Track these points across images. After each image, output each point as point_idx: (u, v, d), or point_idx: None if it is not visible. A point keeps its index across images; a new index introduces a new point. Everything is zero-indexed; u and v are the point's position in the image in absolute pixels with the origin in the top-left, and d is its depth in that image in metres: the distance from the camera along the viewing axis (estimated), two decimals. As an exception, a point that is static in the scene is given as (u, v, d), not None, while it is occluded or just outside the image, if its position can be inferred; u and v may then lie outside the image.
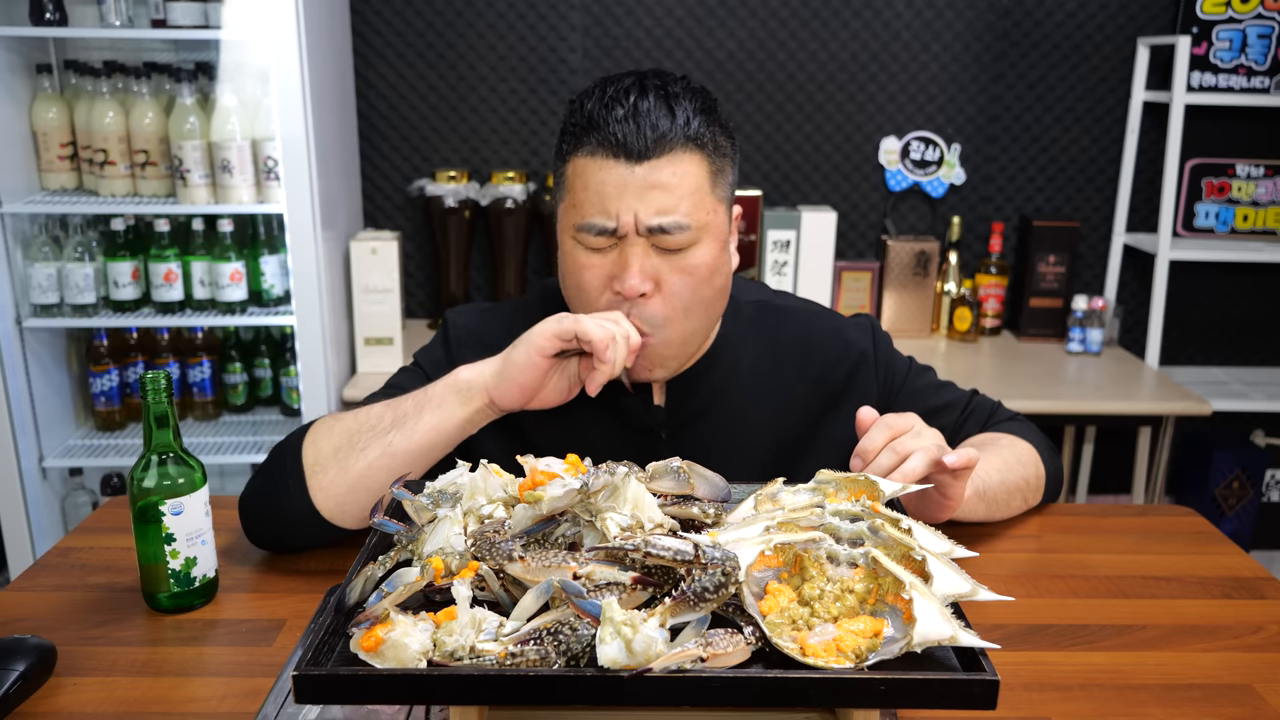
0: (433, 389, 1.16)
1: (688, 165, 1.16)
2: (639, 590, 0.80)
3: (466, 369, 1.16)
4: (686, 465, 0.96)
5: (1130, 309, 3.18)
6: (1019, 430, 1.38)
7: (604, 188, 1.15)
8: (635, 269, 1.16)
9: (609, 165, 1.15)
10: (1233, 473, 3.13)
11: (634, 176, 1.14)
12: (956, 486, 1.13)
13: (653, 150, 1.14)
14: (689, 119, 1.15)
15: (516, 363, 1.13)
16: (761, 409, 1.34)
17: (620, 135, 1.13)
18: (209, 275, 2.62)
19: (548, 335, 1.11)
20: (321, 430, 1.19)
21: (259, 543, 1.25)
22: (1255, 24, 2.89)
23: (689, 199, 1.16)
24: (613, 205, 1.15)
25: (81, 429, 2.80)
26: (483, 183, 2.96)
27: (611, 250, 1.18)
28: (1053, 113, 3.03)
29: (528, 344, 1.12)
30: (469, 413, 1.15)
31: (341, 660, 0.78)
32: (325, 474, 1.15)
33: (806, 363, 1.36)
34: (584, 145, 1.16)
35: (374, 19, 2.89)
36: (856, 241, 3.13)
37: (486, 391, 1.14)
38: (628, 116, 1.13)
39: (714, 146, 1.19)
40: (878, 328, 1.41)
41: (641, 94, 1.15)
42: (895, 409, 1.36)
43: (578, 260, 1.20)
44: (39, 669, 0.98)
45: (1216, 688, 1.01)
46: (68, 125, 2.56)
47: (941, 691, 0.74)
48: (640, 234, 1.16)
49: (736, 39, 2.95)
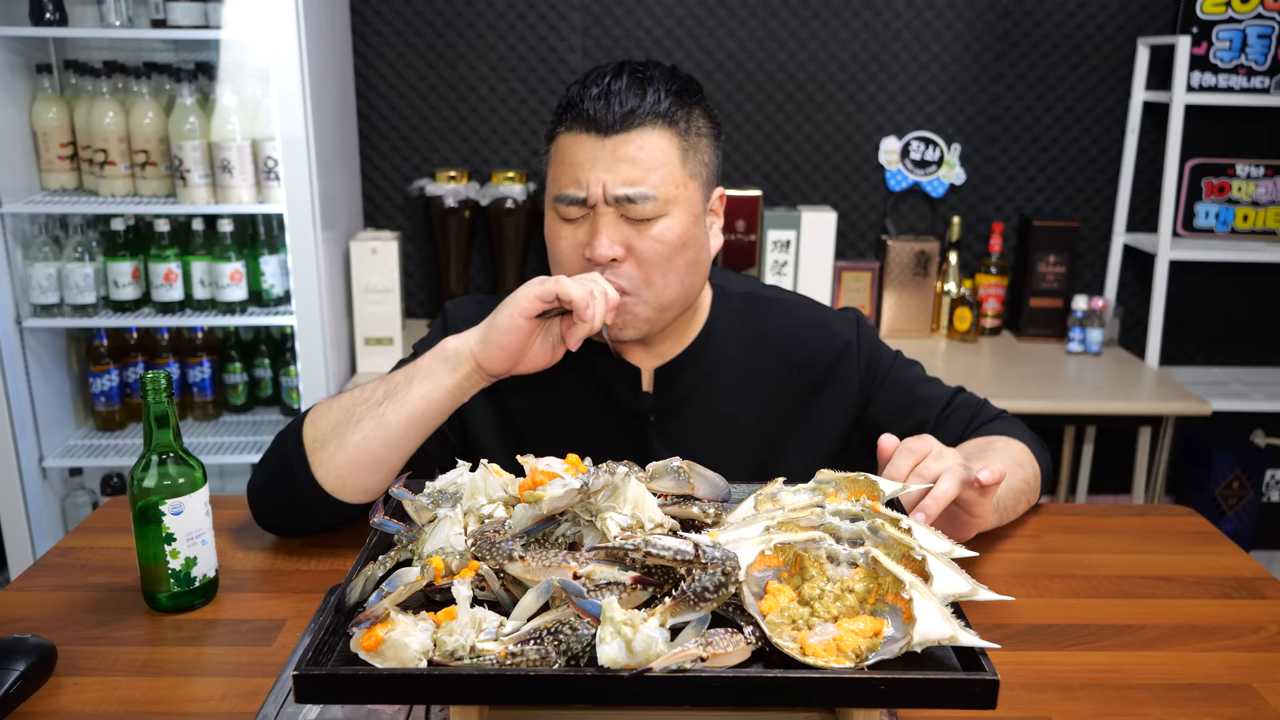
0: (421, 360, 1.20)
1: (656, 140, 1.22)
2: (639, 590, 0.80)
3: (453, 338, 1.20)
4: (686, 465, 0.96)
5: (1130, 309, 3.18)
6: (1009, 430, 1.38)
7: (577, 160, 1.23)
8: (603, 236, 1.22)
9: (582, 140, 1.23)
10: (1233, 473, 3.13)
11: (603, 149, 1.21)
12: (983, 504, 1.14)
13: (620, 124, 1.21)
14: (660, 98, 1.22)
15: (500, 326, 1.16)
16: (747, 397, 1.38)
17: (592, 111, 1.21)
18: (209, 275, 2.62)
19: (529, 296, 1.15)
20: (320, 410, 1.22)
21: (270, 527, 1.27)
22: (1255, 24, 2.89)
23: (657, 172, 1.22)
24: (584, 176, 1.22)
25: (81, 429, 2.80)
26: (483, 183, 2.96)
27: (584, 220, 1.24)
28: (1053, 113, 3.03)
29: (510, 306, 1.16)
30: (457, 379, 1.18)
31: (341, 660, 0.78)
32: (325, 450, 1.18)
33: (791, 352, 1.39)
34: (563, 123, 1.25)
35: (374, 19, 2.89)
36: (856, 241, 3.13)
37: (473, 357, 1.18)
38: (601, 95, 1.21)
39: (686, 125, 1.25)
40: (863, 319, 1.43)
41: (616, 75, 1.23)
42: (878, 400, 1.39)
43: (555, 230, 1.27)
44: (39, 669, 0.98)
45: (1216, 688, 1.01)
46: (68, 125, 2.56)
47: (941, 691, 0.74)
48: (609, 204, 1.22)
49: (736, 39, 2.95)
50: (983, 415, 1.41)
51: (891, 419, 1.40)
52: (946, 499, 1.05)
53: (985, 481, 1.09)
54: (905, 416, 1.39)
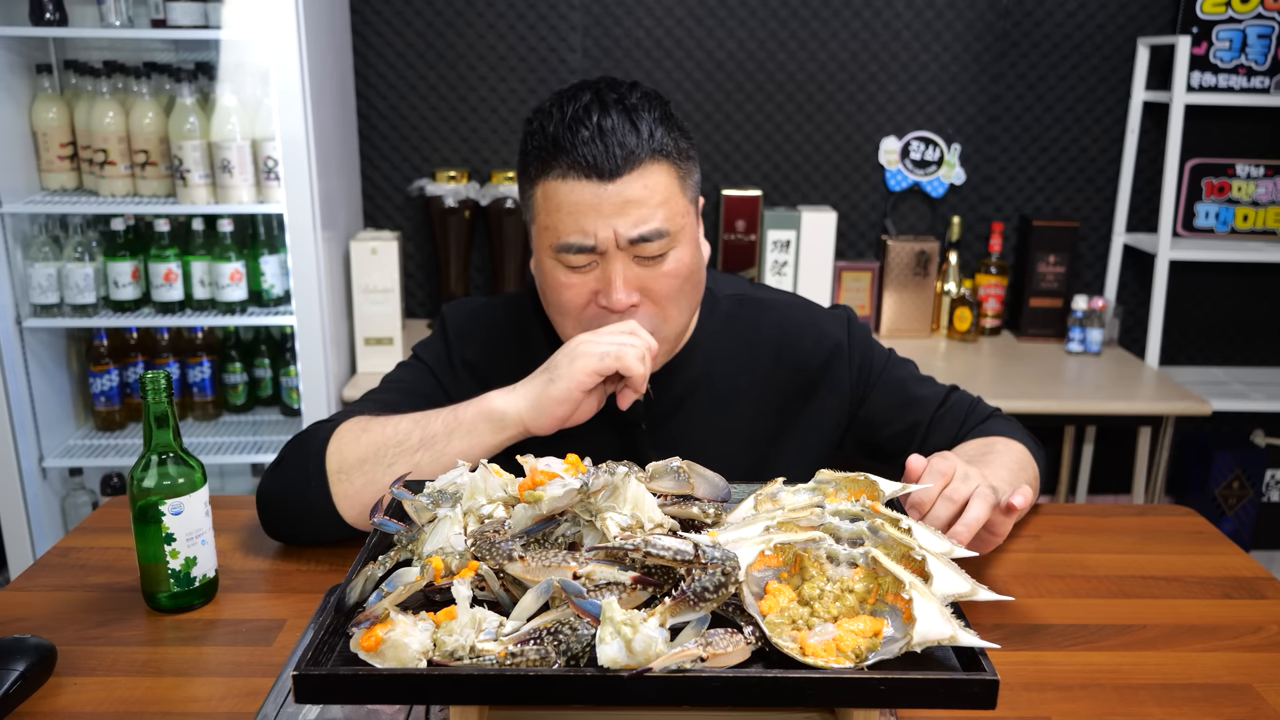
0: (463, 413, 1.18)
1: (657, 176, 1.18)
2: (639, 590, 0.80)
3: (499, 396, 1.17)
4: (686, 465, 0.96)
5: (1130, 309, 3.18)
6: (1006, 430, 1.38)
7: (579, 208, 1.17)
8: (619, 283, 1.19)
9: (581, 186, 1.16)
10: (1233, 473, 3.13)
11: (607, 194, 1.16)
12: (1007, 524, 1.14)
13: (623, 167, 1.16)
14: (652, 131, 1.18)
15: (555, 397, 1.15)
16: (739, 399, 1.37)
17: (589, 157, 1.15)
18: (209, 275, 2.62)
19: (589, 372, 1.14)
20: (347, 437, 1.19)
21: (275, 535, 1.27)
22: (1255, 24, 2.89)
23: (663, 208, 1.18)
24: (590, 224, 1.17)
25: (81, 429, 2.80)
26: (483, 183, 2.96)
27: (593, 267, 1.20)
28: (1053, 113, 3.03)
29: (569, 380, 1.14)
30: (500, 440, 1.17)
31: (341, 660, 0.78)
32: (350, 483, 1.17)
33: (782, 353, 1.38)
34: (553, 169, 1.18)
35: (374, 19, 2.89)
36: (856, 241, 3.13)
37: (522, 423, 1.16)
38: (594, 137, 1.15)
39: (678, 153, 1.21)
40: (854, 318, 1.43)
41: (603, 111, 1.17)
42: (871, 400, 1.39)
43: (558, 279, 1.22)
44: (39, 669, 0.98)
45: (1216, 688, 1.01)
46: (68, 125, 2.56)
47: (941, 691, 0.74)
48: (621, 248, 1.18)
49: (736, 39, 2.95)
50: (977, 414, 1.41)
51: (885, 419, 1.40)
52: (978, 524, 1.05)
53: (1017, 507, 1.09)
54: (899, 416, 1.39)
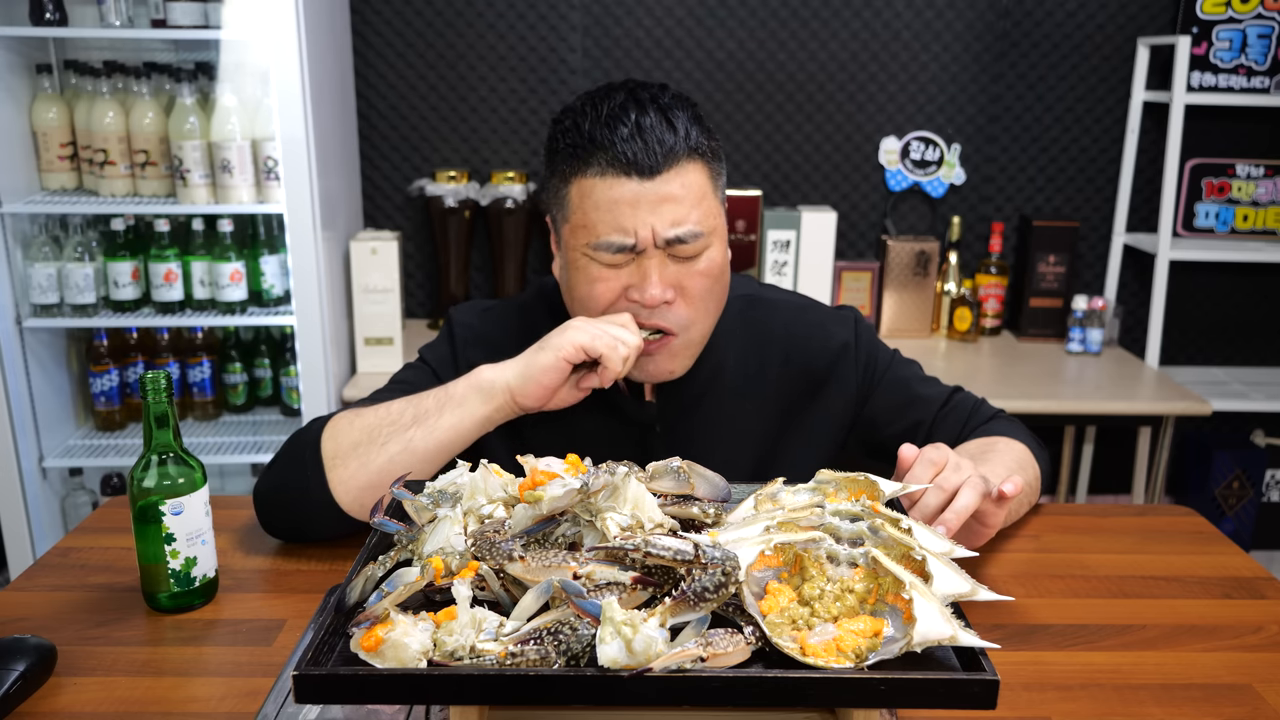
0: (454, 388, 1.20)
1: (693, 175, 1.20)
2: (639, 590, 0.80)
3: (489, 369, 1.20)
4: (686, 465, 0.96)
5: (1130, 309, 3.18)
6: (1008, 430, 1.38)
7: (618, 205, 1.18)
8: (655, 280, 1.20)
9: (620, 183, 1.18)
10: (1233, 473, 3.13)
11: (646, 192, 1.17)
12: (998, 514, 1.14)
13: (662, 164, 1.17)
14: (688, 130, 1.20)
15: (542, 365, 1.17)
16: (749, 400, 1.38)
17: (630, 153, 1.17)
18: (209, 275, 2.62)
19: (576, 346, 1.16)
20: (341, 424, 1.21)
21: (274, 532, 1.27)
22: (1255, 24, 2.89)
23: (698, 207, 1.20)
24: (628, 222, 1.18)
25: (81, 429, 2.80)
26: (483, 183, 2.96)
27: (628, 264, 1.21)
28: (1053, 113, 3.03)
29: (555, 350, 1.17)
30: (490, 410, 1.19)
31: (341, 660, 0.78)
32: (345, 468, 1.18)
33: (790, 354, 1.39)
34: (591, 165, 1.19)
35: (374, 19, 2.89)
36: (856, 241, 3.13)
37: (509, 390, 1.19)
38: (634, 135, 1.17)
39: (711, 153, 1.23)
40: (860, 318, 1.44)
41: (640, 110, 1.19)
42: (875, 399, 1.40)
43: (590, 274, 1.23)
44: (39, 669, 0.98)
45: (1216, 688, 1.01)
46: (68, 125, 2.56)
47: (941, 691, 0.74)
48: (658, 246, 1.19)
49: (736, 39, 2.95)
50: (980, 414, 1.41)
51: (888, 418, 1.40)
52: (968, 512, 1.06)
53: (1008, 494, 1.10)
54: (902, 415, 1.39)
